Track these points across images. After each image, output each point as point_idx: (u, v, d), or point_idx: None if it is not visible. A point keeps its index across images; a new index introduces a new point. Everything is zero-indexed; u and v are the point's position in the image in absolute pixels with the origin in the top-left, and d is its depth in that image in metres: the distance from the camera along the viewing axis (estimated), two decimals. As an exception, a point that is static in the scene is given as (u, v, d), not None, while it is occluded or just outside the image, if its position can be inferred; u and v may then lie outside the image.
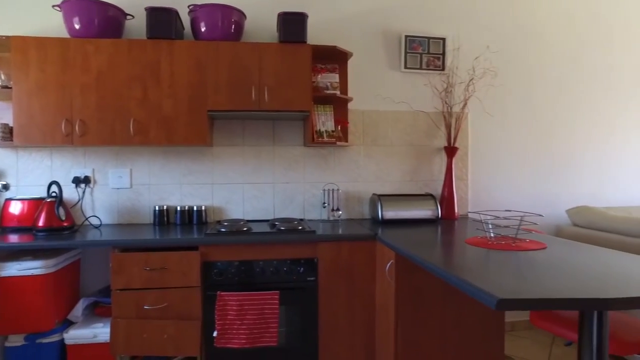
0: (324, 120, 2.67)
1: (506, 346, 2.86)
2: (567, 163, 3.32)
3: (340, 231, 2.41)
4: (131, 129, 2.38)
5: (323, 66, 2.77)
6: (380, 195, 2.72)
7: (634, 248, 2.50)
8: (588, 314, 1.43)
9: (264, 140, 2.85)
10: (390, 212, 2.65)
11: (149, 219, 2.75)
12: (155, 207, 2.67)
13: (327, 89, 2.72)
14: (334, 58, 2.80)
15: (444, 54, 3.04)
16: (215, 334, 2.14)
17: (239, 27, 2.57)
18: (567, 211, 3.10)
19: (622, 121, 3.43)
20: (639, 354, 1.62)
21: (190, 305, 2.17)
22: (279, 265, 2.27)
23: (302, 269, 2.29)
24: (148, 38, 2.40)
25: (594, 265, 1.50)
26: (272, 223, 2.58)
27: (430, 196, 2.79)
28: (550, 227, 3.24)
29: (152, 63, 2.39)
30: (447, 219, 2.84)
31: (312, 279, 2.30)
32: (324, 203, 2.82)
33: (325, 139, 2.65)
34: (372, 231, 2.37)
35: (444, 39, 3.03)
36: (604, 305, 1.13)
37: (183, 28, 2.68)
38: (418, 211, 2.69)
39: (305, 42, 2.52)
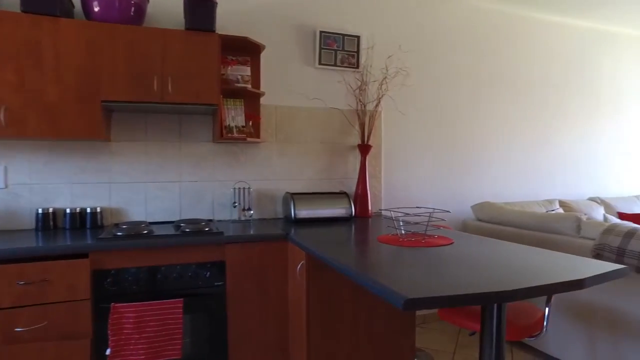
0: (234, 115, 2.53)
1: (417, 339, 2.95)
2: (473, 162, 3.53)
3: (251, 231, 2.28)
4: (2, 118, 2.03)
5: (234, 58, 2.62)
6: (293, 194, 2.65)
7: (527, 239, 2.70)
8: (489, 306, 1.47)
9: (170, 136, 2.63)
10: (304, 211, 2.58)
11: (31, 223, 2.39)
12: (38, 210, 2.32)
13: (238, 82, 2.57)
14: (246, 50, 2.67)
15: (358, 51, 3.05)
16: (108, 352, 1.90)
17: (140, 10, 2.33)
18: (472, 207, 3.28)
19: (522, 124, 3.73)
20: (530, 337, 1.71)
21: (78, 321, 1.91)
22: (183, 270, 2.09)
23: (208, 273, 2.13)
24: (22, 12, 2.07)
25: (495, 258, 1.55)
26: (177, 225, 2.38)
27: (344, 194, 2.77)
28: (457, 223, 3.41)
29: (31, 42, 2.06)
30: (361, 216, 2.84)
31: (220, 283, 2.15)
32: (235, 202, 2.67)
33: (236, 134, 2.50)
34: (285, 231, 2.28)
35: (358, 37, 3.04)
36: (503, 298, 1.15)
37: (73, 6, 2.36)
38: (332, 209, 2.66)
39: (214, 31, 2.36)
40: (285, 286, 2.27)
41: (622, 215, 3.86)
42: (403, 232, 2.02)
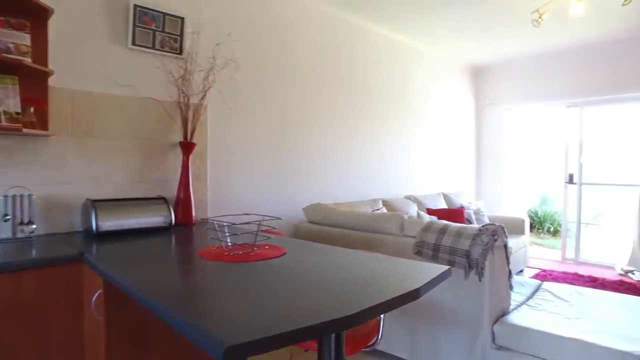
0: (2, 97, 1.87)
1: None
2: (305, 162, 3.47)
3: (33, 253, 1.70)
4: None
5: (2, 19, 1.95)
6: (95, 201, 2.11)
7: (357, 240, 2.73)
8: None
9: None
10: (109, 222, 2.08)
11: None
12: None
13: (9, 51, 1.92)
14: (23, 11, 2.02)
15: (182, 35, 2.65)
16: None
17: None
18: (304, 209, 3.21)
19: (349, 126, 3.84)
20: (366, 348, 1.64)
21: None
22: None
23: (-48, 320, 1.49)
24: None
25: (329, 270, 1.40)
26: None
27: (163, 200, 2.35)
28: (289, 226, 3.30)
29: None
30: (183, 224, 2.46)
31: (-28, 332, 1.53)
32: (6, 215, 1.99)
33: (4, 123, 1.85)
34: (80, 250, 1.76)
35: (182, 19, 2.64)
36: (341, 326, 0.98)
37: None
38: (147, 218, 2.21)
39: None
40: (79, 325, 1.75)
41: (430, 211, 4.35)
42: (229, 243, 1.75)
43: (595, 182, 5.36)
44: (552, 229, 7.65)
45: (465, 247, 2.19)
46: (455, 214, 4.36)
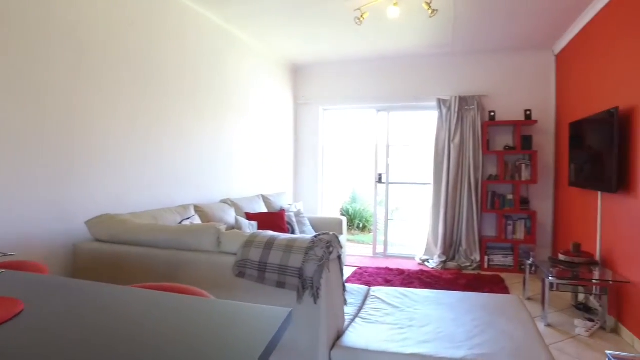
0: None
1: None
2: (90, 161, 2.59)
3: None
4: None
5: None
6: None
7: (162, 261, 2.09)
8: None
9: None
10: None
11: None
12: None
13: None
14: None
15: None
16: None
17: None
18: (87, 222, 2.37)
19: (152, 117, 3.07)
20: None
21: None
22: None
23: None
24: None
25: (102, 345, 0.79)
26: None
27: None
28: (67, 247, 2.40)
29: None
30: None
31: None
32: None
33: None
34: None
35: None
36: None
37: None
38: None
39: None
40: None
41: (249, 215, 3.92)
42: None
43: (400, 182, 5.83)
44: (361, 225, 8.21)
45: (298, 265, 1.81)
46: (276, 218, 4.04)
